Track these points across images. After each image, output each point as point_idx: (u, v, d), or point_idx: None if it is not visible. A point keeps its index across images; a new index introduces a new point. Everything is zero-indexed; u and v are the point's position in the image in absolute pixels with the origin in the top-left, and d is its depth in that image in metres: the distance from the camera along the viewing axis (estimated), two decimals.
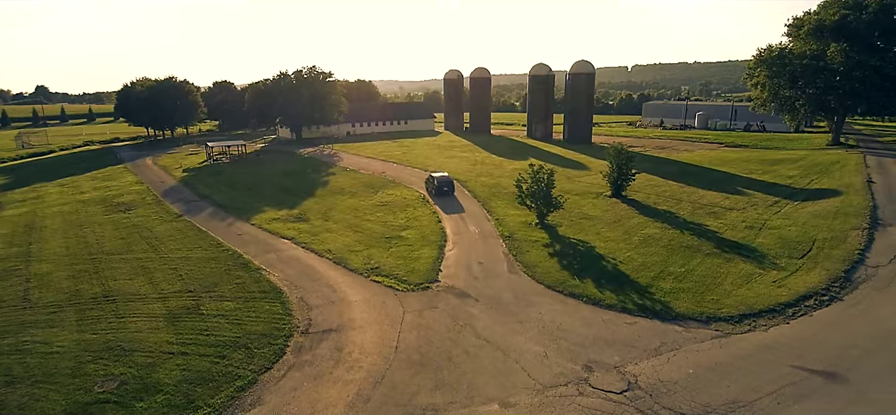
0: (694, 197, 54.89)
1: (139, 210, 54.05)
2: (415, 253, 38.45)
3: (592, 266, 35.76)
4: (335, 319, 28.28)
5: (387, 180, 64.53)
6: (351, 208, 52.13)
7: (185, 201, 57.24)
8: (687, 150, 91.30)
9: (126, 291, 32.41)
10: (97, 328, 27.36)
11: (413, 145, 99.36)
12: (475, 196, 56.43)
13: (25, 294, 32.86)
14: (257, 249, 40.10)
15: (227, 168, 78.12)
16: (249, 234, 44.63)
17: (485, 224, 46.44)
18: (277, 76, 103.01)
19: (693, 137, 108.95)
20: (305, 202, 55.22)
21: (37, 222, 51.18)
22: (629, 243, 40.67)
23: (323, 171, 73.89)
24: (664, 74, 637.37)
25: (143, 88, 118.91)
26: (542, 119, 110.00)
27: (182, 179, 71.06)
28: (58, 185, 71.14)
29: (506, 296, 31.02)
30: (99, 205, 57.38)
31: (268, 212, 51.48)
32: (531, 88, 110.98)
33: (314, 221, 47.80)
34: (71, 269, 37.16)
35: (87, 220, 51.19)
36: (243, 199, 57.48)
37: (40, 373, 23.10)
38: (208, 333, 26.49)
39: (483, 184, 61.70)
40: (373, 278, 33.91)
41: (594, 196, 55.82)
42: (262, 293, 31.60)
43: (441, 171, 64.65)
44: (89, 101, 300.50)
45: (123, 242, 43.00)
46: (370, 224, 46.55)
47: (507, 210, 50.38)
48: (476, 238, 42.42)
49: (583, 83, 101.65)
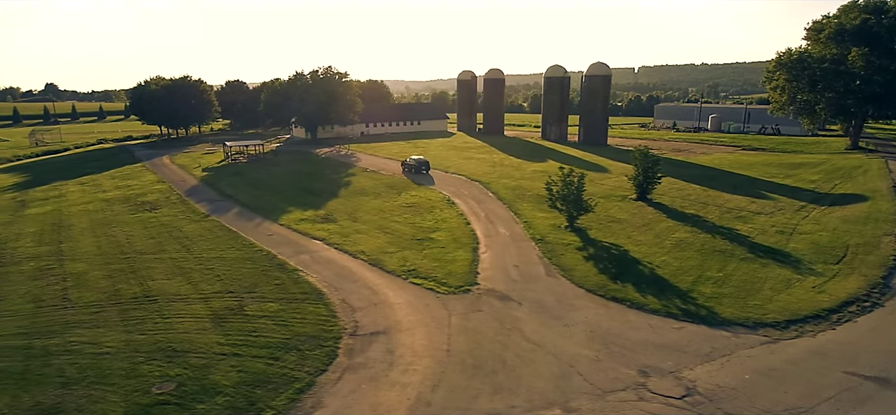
0: (719, 201, 54.67)
1: (165, 209, 54.08)
2: (449, 255, 38.36)
3: (629, 270, 35.61)
4: (381, 321, 28.20)
5: (408, 182, 64.44)
6: (377, 210, 52.07)
7: (210, 201, 57.26)
8: (704, 152, 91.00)
9: (166, 292, 32.39)
10: (144, 329, 27.33)
11: (428, 146, 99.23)
12: (499, 198, 56.33)
13: (64, 293, 32.87)
14: (290, 250, 40.05)
15: (246, 168, 78.17)
16: (280, 234, 44.60)
17: (513, 227, 46.32)
18: (293, 76, 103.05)
19: (708, 139, 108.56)
20: (330, 203, 55.17)
21: (64, 221, 51.25)
22: (662, 247, 40.51)
23: (342, 171, 73.86)
24: (671, 76, 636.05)
25: (157, 87, 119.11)
26: (557, 121, 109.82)
27: (203, 179, 71.11)
28: (78, 183, 71.26)
29: (548, 299, 30.90)
30: (123, 204, 57.44)
31: (294, 212, 51.45)
32: (546, 90, 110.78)
33: (342, 223, 47.75)
34: (106, 268, 37.16)
35: (113, 219, 51.24)
36: (268, 199, 57.48)
37: (94, 374, 23.07)
38: (257, 334, 26.43)
39: (505, 186, 61.57)
40: (411, 281, 33.81)
41: (619, 199, 55.62)
42: (304, 295, 31.54)
43: (420, 155, 77.69)
44: (98, 99, 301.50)
45: (155, 242, 43.00)
46: (398, 226, 46.47)
47: (534, 213, 50.26)
48: (507, 241, 42.30)
49: (599, 85, 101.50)
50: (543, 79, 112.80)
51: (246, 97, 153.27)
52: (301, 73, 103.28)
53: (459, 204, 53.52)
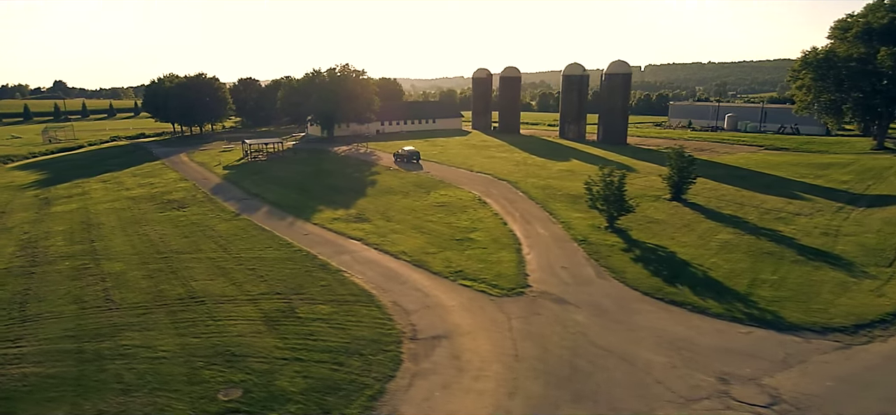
0: (755, 201, 53.68)
1: (193, 208, 53.34)
2: (493, 256, 37.50)
3: (682, 273, 34.70)
4: (439, 324, 27.37)
5: (435, 181, 63.58)
6: (409, 209, 51.23)
7: (238, 199, 56.51)
8: (727, 152, 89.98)
9: (211, 293, 31.61)
10: (196, 332, 26.54)
11: (447, 145, 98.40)
12: (531, 197, 55.43)
13: (106, 294, 32.12)
14: (329, 250, 39.25)
15: (267, 166, 77.44)
16: (315, 234, 43.80)
17: (551, 227, 45.44)
18: (311, 73, 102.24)
19: (729, 139, 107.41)
20: (360, 202, 54.36)
21: (92, 219, 50.55)
22: (708, 249, 39.60)
23: (365, 170, 73.06)
24: (678, 74, 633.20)
25: (171, 84, 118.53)
26: (576, 119, 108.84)
27: (225, 177, 70.41)
28: (100, 181, 70.61)
29: (606, 303, 30.02)
30: (150, 202, 56.73)
31: (325, 212, 50.66)
32: (564, 88, 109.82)
33: (376, 222, 46.92)
34: (145, 268, 36.41)
35: (142, 217, 50.52)
36: (295, 198, 56.70)
37: (155, 380, 22.27)
38: (314, 338, 25.62)
39: (534, 185, 60.65)
40: (460, 283, 32.97)
41: (653, 199, 54.64)
42: (354, 297, 30.72)
43: (410, 146, 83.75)
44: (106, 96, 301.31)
45: (189, 241, 42.25)
46: (434, 225, 45.63)
47: (570, 213, 49.36)
48: (549, 242, 41.43)
49: (619, 83, 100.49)
50: (562, 77, 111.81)
51: (258, 95, 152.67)
52: (318, 70, 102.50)
53: (492, 204, 52.64)
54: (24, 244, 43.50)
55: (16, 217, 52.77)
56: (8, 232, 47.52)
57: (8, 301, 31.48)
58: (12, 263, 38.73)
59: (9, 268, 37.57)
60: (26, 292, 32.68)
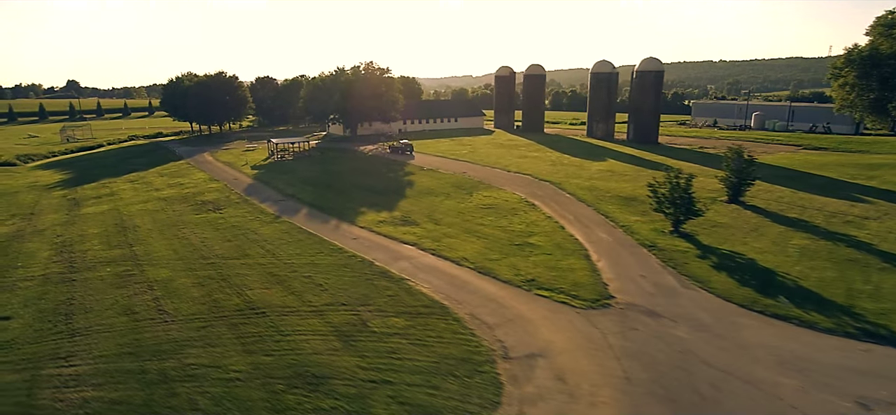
0: (815, 204, 51.01)
1: (229, 210, 51.21)
2: (562, 263, 35.10)
3: (771, 282, 32.18)
4: (529, 340, 25.00)
5: (474, 181, 61.18)
6: (455, 211, 48.89)
7: (274, 201, 54.35)
8: (766, 152, 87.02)
9: (271, 303, 29.38)
10: (266, 348, 24.29)
11: (474, 144, 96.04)
12: (579, 199, 52.96)
13: (157, 304, 29.95)
14: (385, 256, 36.95)
15: (295, 166, 75.28)
16: (364, 238, 41.52)
17: (613, 231, 42.97)
18: (335, 72, 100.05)
19: (762, 138, 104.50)
20: (401, 203, 52.08)
21: (125, 221, 48.51)
22: (787, 256, 37.05)
23: (397, 170, 70.79)
24: (689, 72, 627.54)
25: (191, 83, 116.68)
26: (604, 118, 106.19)
27: (255, 177, 68.34)
28: (127, 181, 68.69)
29: (703, 317, 27.55)
30: (183, 203, 54.68)
31: (368, 214, 48.40)
32: (593, 86, 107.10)
33: (425, 225, 44.61)
34: (193, 275, 34.25)
35: (178, 219, 48.45)
36: (332, 199, 54.50)
37: (234, 406, 20.04)
38: (397, 356, 23.31)
39: (579, 186, 58.15)
40: (536, 292, 30.60)
41: (709, 201, 51.96)
42: (426, 308, 28.40)
43: (404, 140, 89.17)
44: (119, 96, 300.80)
45: (233, 246, 40.08)
46: (487, 229, 43.26)
47: (627, 216, 46.90)
48: (615, 247, 38.97)
49: (651, 81, 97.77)
50: (590, 74, 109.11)
51: (275, 93, 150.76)
52: (342, 68, 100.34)
53: (541, 206, 50.23)
54: (59, 248, 41.49)
55: (46, 219, 50.82)
56: (40, 235, 45.54)
57: (52, 312, 29.40)
58: (49, 268, 36.68)
59: (46, 274, 35.52)
60: (70, 302, 30.58)
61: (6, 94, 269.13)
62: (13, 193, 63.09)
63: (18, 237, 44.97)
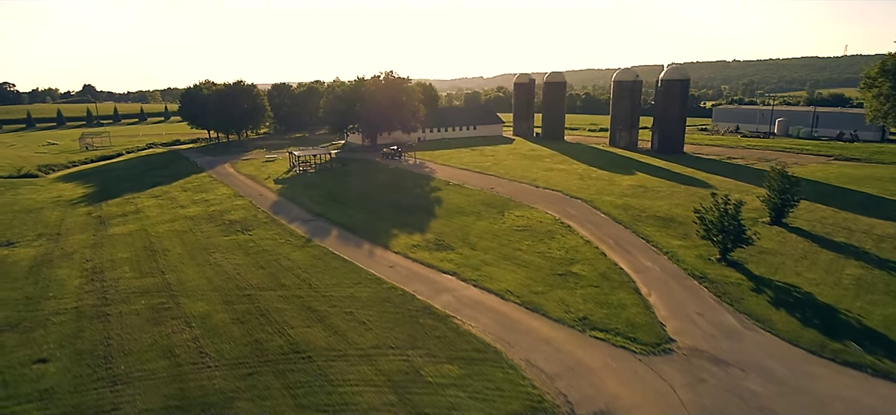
0: (861, 225, 49.18)
1: (257, 231, 50.23)
2: (612, 298, 33.69)
3: (834, 322, 30.64)
4: (593, 394, 23.63)
5: (504, 199, 59.81)
6: (489, 234, 47.57)
7: (302, 221, 53.32)
8: (796, 163, 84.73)
9: (315, 344, 28.24)
10: (318, 403, 23.13)
11: (496, 154, 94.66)
12: (615, 220, 51.43)
13: (198, 345, 28.90)
14: (426, 288, 35.72)
15: (319, 179, 74.31)
16: (401, 265, 40.32)
17: (657, 258, 41.45)
18: (356, 81, 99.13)
19: (789, 146, 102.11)
20: (432, 224, 50.85)
21: (154, 244, 47.66)
22: (844, 288, 35.47)
23: (423, 184, 69.57)
24: (702, 73, 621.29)
25: (209, 92, 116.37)
26: (628, 127, 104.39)
27: (279, 192, 67.43)
28: (151, 196, 68.02)
29: (773, 366, 26.02)
30: (209, 223, 53.82)
31: (400, 236, 47.23)
32: (616, 94, 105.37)
33: (461, 250, 43.34)
34: (230, 309, 33.20)
35: (207, 242, 47.53)
36: (362, 218, 53.37)
37: None
38: (458, 411, 22.02)
39: (612, 204, 56.58)
40: (591, 334, 29.22)
41: (751, 223, 50.14)
42: (478, 353, 27.13)
43: (392, 144, 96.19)
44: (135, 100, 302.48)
45: (267, 274, 39.03)
46: (526, 255, 41.92)
47: (669, 240, 45.38)
48: (664, 278, 37.47)
49: (677, 90, 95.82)
50: (613, 82, 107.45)
51: (291, 100, 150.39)
52: (363, 77, 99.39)
53: (577, 228, 48.77)
54: (89, 275, 40.64)
55: (73, 240, 50.12)
56: (69, 259, 44.77)
57: (90, 354, 28.42)
58: (83, 299, 35.79)
59: (80, 307, 34.60)
60: (108, 342, 29.59)
61: (23, 99, 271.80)
62: (38, 210, 62.60)
63: (47, 262, 44.23)
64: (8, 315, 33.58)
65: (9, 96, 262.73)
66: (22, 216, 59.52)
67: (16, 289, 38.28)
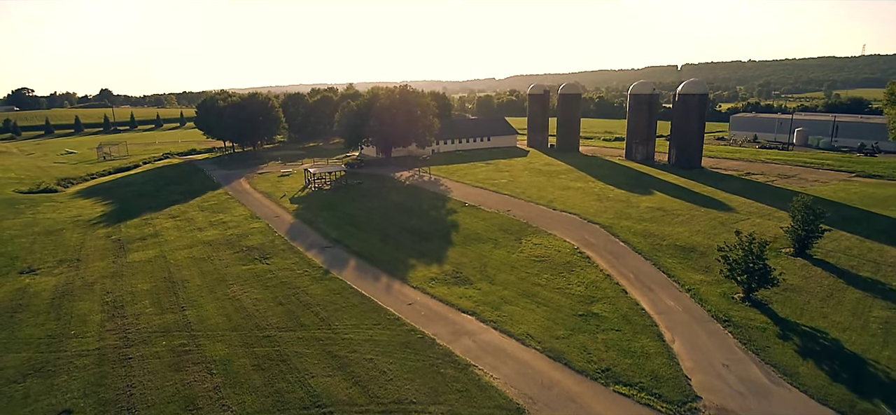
0: (887, 258, 48.19)
1: (276, 260, 50.30)
2: (635, 345, 33.22)
3: (863, 375, 30.10)
4: None
5: (521, 223, 59.38)
6: (507, 266, 47.22)
7: (320, 248, 53.33)
8: (816, 180, 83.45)
9: (337, 398, 28.11)
10: None
11: (511, 169, 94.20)
12: (635, 249, 50.81)
13: (219, 396, 28.91)
14: (445, 330, 35.50)
15: (335, 199, 74.35)
16: (420, 303, 40.11)
17: (679, 297, 40.85)
18: (370, 93, 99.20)
19: (809, 160, 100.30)
20: (449, 254, 50.60)
21: (173, 273, 47.90)
22: (872, 335, 34.79)
23: (439, 205, 69.35)
24: (716, 73, 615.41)
25: (225, 103, 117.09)
26: (644, 140, 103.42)
27: (295, 213, 67.59)
28: (169, 217, 68.47)
29: None
30: (227, 248, 54.01)
31: (418, 268, 47.04)
32: (632, 108, 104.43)
33: (479, 285, 43.06)
34: (250, 353, 33.20)
35: (225, 271, 47.68)
36: (379, 246, 53.27)
37: None
38: None
39: (631, 231, 55.89)
40: (615, 389, 28.80)
41: (773, 254, 49.30)
42: (500, 410, 26.87)
43: (358, 157, 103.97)
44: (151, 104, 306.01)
45: (286, 311, 39.02)
46: (545, 292, 41.53)
47: (690, 274, 44.77)
48: (687, 321, 36.89)
49: (695, 104, 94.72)
50: (629, 95, 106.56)
51: (305, 110, 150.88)
52: (377, 90, 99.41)
53: (596, 259, 48.23)
54: (110, 310, 40.89)
55: (94, 268, 50.53)
56: (90, 290, 45.11)
57: (114, 404, 28.54)
58: (105, 340, 35.98)
59: (102, 349, 34.78)
60: (130, 391, 29.69)
61: (41, 104, 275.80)
62: (58, 231, 63.25)
63: (68, 293, 44.59)
64: (31, 357, 33.86)
65: (27, 101, 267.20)
66: (42, 239, 60.16)
67: (38, 325, 38.62)
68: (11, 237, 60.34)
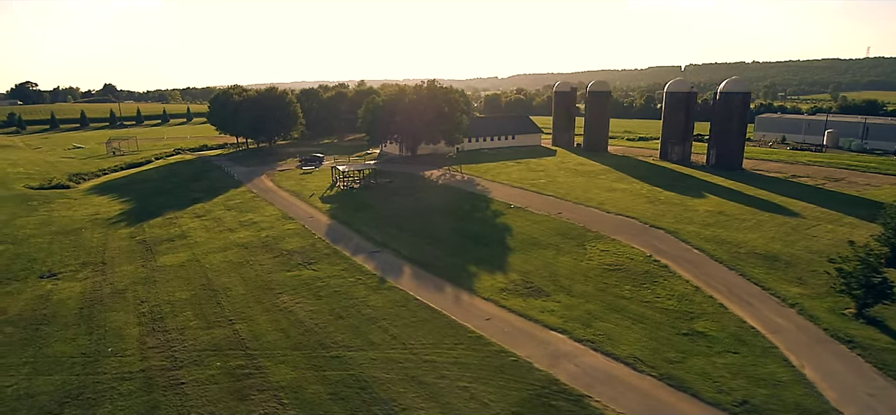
0: None
1: (321, 265, 45.98)
2: (761, 370, 29.08)
3: None
4: None
5: (578, 228, 55.08)
6: (580, 274, 43.00)
7: (367, 253, 49.01)
8: (868, 184, 79.33)
9: None
10: None
11: (545, 170, 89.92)
12: (713, 257, 46.59)
13: None
14: (538, 351, 31.27)
15: (366, 197, 70.00)
16: (498, 317, 35.87)
17: (784, 312, 36.71)
18: (397, 91, 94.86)
19: (853, 163, 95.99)
20: (511, 260, 46.39)
21: (212, 279, 43.55)
22: None
23: (482, 206, 65.08)
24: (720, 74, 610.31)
25: (240, 98, 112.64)
26: (681, 140, 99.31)
27: (329, 213, 63.31)
28: (194, 216, 64.04)
29: None
30: (265, 252, 49.67)
31: (482, 276, 42.80)
32: (669, 105, 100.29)
33: (557, 297, 38.82)
34: (322, 378, 28.91)
35: (268, 278, 43.34)
36: (431, 251, 48.99)
37: None
38: None
39: (698, 236, 51.70)
40: None
41: None
42: None
43: (316, 153, 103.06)
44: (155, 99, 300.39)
45: (348, 326, 34.72)
46: (634, 306, 37.32)
47: (784, 286, 40.63)
48: (806, 341, 32.72)
49: (738, 103, 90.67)
50: (665, 93, 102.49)
51: (319, 105, 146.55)
52: (402, 87, 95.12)
53: (675, 268, 44.02)
54: (149, 322, 36.56)
55: (121, 272, 46.15)
56: (122, 298, 40.73)
57: None
58: (148, 359, 31.63)
59: (147, 371, 30.43)
60: None
61: (45, 98, 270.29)
62: (76, 231, 58.80)
63: (98, 301, 40.23)
64: (66, 380, 29.53)
65: (31, 96, 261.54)
66: (60, 239, 55.73)
67: (69, 340, 34.26)
68: (27, 237, 55.92)
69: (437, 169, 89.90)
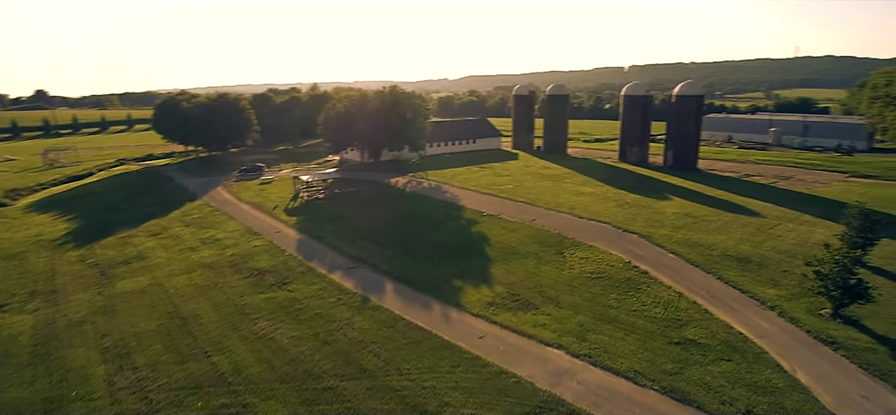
0: None
1: (297, 284, 43.90)
2: (758, 378, 29.53)
3: None
4: None
5: (555, 235, 54.97)
6: (564, 284, 42.81)
7: (344, 269, 47.18)
8: (816, 182, 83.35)
9: None
10: None
11: (510, 174, 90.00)
12: (689, 261, 47.46)
13: None
14: (539, 369, 30.62)
15: (334, 208, 67.81)
16: (491, 334, 35.05)
17: (766, 314, 37.69)
18: (359, 96, 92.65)
19: (801, 161, 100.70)
20: (494, 272, 45.73)
21: (180, 306, 40.72)
22: None
23: (455, 215, 64.19)
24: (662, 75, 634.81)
25: (190, 105, 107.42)
26: (639, 142, 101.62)
27: (297, 227, 60.80)
28: (150, 234, 60.15)
29: None
30: (234, 272, 47.05)
31: (467, 290, 41.92)
32: (627, 109, 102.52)
33: (546, 309, 38.40)
34: (318, 414, 27.15)
35: (241, 302, 40.95)
36: (410, 265, 47.71)
37: None
38: None
39: (671, 240, 52.71)
40: None
41: None
42: None
43: (257, 162, 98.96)
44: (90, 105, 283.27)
45: (337, 352, 33.06)
46: (623, 315, 37.35)
47: (761, 288, 41.79)
48: (792, 345, 33.54)
49: (692, 106, 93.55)
50: (622, 97, 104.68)
51: (271, 111, 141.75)
52: (364, 93, 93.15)
53: (657, 275, 44.45)
54: (114, 358, 33.69)
55: (76, 301, 42.57)
56: (80, 331, 37.46)
57: None
58: (121, 403, 29.01)
59: None
60: None
61: None
62: (20, 255, 54.11)
63: (53, 336, 36.86)
64: None
65: None
66: (3, 266, 51.13)
67: (25, 384, 31.10)
68: None
69: (403, 176, 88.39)
